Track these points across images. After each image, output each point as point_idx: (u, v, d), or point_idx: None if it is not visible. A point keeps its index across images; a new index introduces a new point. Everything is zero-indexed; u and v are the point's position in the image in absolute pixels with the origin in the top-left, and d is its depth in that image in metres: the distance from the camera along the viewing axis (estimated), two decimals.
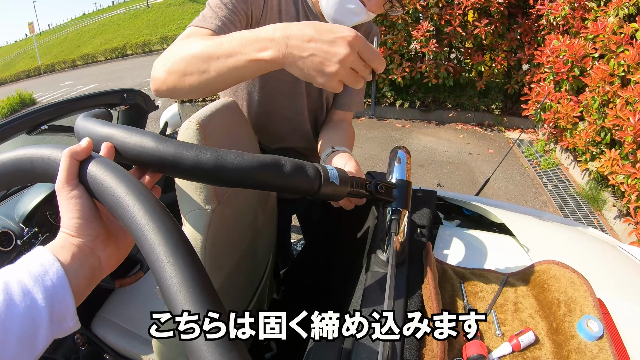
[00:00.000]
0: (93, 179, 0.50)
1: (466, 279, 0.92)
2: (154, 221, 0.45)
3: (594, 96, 3.49)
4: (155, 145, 0.54)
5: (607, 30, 3.46)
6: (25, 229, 1.61)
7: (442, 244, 1.09)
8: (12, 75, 29.11)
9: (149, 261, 0.44)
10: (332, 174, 0.68)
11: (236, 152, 0.58)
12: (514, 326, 0.81)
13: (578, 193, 3.78)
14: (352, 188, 0.73)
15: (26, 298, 0.43)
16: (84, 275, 0.50)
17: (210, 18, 0.96)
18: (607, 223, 3.34)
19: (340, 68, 0.67)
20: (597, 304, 0.79)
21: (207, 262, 0.98)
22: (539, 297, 0.86)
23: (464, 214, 1.27)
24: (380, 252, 0.91)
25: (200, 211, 0.93)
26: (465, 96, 5.83)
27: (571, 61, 3.84)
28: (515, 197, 3.83)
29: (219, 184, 0.58)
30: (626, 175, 3.04)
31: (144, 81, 12.92)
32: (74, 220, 0.51)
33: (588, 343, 0.73)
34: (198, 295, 0.41)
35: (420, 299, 0.81)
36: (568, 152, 4.23)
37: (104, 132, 0.58)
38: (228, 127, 1.04)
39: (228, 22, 0.97)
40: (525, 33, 5.06)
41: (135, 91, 2.05)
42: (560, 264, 0.89)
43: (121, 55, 26.02)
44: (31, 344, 0.42)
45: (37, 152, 0.54)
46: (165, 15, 35.72)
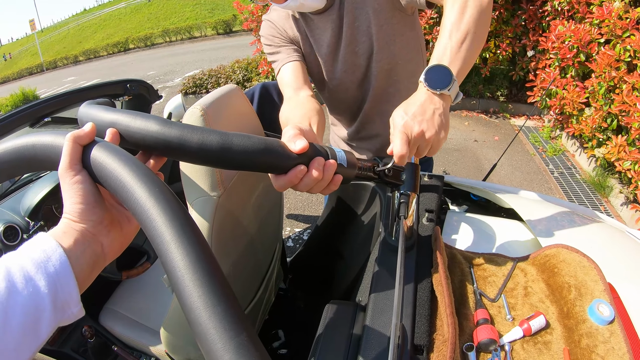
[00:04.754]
0: (97, 163, 0.49)
1: (475, 264, 0.91)
2: (159, 203, 0.44)
3: (600, 82, 3.45)
4: (159, 128, 0.53)
5: (612, 15, 3.41)
6: (31, 223, 1.62)
7: (450, 229, 1.08)
8: (14, 73, 29.19)
9: (155, 245, 0.43)
10: (340, 156, 0.67)
11: (242, 134, 0.57)
12: (525, 310, 0.80)
13: (584, 180, 3.75)
14: (360, 171, 0.72)
15: (28, 285, 0.42)
16: (87, 261, 0.49)
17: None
18: (614, 210, 3.32)
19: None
20: (608, 288, 0.78)
21: (214, 249, 0.97)
22: (549, 281, 0.85)
23: (471, 199, 1.26)
24: (388, 237, 0.90)
25: (207, 198, 0.93)
26: (470, 83, 5.78)
27: (577, 47, 3.79)
28: (522, 183, 3.80)
29: (224, 166, 0.57)
30: (633, 161, 3.01)
31: (146, 74, 12.93)
32: (76, 205, 0.50)
33: (599, 327, 0.72)
34: (205, 277, 0.40)
35: (430, 283, 0.80)
36: (574, 139, 4.19)
37: (108, 118, 0.57)
38: (232, 113, 1.03)
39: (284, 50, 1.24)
40: (530, 19, 4.99)
41: (139, 81, 2.04)
42: (570, 248, 0.87)
43: (123, 50, 26.00)
44: (34, 331, 0.42)
45: (40, 139, 0.53)
46: (167, 8, 35.64)
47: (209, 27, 22.17)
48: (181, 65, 13.57)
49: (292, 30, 1.26)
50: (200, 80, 7.32)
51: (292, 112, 1.00)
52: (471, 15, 0.85)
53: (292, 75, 1.17)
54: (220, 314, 0.38)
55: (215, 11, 29.65)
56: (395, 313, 0.56)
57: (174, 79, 11.28)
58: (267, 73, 6.22)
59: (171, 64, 14.41)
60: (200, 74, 7.63)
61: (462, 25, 0.85)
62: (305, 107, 1.01)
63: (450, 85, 0.78)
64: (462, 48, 0.83)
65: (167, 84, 10.59)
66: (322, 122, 0.98)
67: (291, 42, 1.26)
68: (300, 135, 0.62)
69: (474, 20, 0.85)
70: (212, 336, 0.37)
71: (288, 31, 1.26)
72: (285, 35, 1.26)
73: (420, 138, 0.75)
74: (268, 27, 1.28)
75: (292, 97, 1.10)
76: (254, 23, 5.86)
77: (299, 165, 0.60)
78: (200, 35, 22.70)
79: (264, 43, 1.28)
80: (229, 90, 1.05)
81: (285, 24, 1.26)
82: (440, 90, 0.78)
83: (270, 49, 1.26)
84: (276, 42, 1.25)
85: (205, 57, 14.31)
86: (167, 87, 10.15)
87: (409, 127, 0.75)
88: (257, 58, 7.08)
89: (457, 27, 0.84)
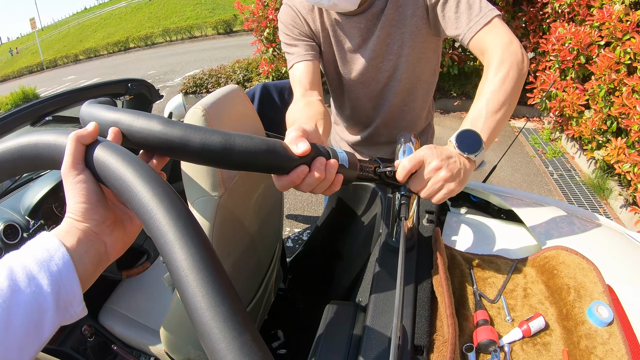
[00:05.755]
0: (99, 163, 0.49)
1: (475, 265, 0.91)
2: (163, 203, 0.44)
3: (600, 84, 3.45)
4: (162, 128, 0.53)
5: (613, 18, 3.41)
6: (31, 222, 1.62)
7: (450, 230, 1.08)
8: (15, 72, 29.12)
9: (158, 244, 0.43)
10: (342, 157, 0.67)
11: (244, 134, 0.57)
12: (524, 312, 0.80)
13: (584, 182, 3.76)
14: (361, 172, 0.72)
15: (31, 284, 0.42)
16: (90, 260, 0.49)
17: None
18: (613, 212, 3.32)
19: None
20: (607, 290, 0.79)
21: (215, 249, 0.97)
22: (548, 282, 0.85)
23: (471, 200, 1.26)
24: (389, 238, 0.90)
25: (208, 198, 0.93)
26: (470, 84, 5.78)
27: (577, 49, 3.79)
28: (521, 185, 3.80)
29: (226, 166, 0.57)
30: (632, 164, 3.01)
31: (147, 74, 12.92)
32: (79, 204, 0.50)
33: (598, 329, 0.72)
34: (208, 276, 0.41)
35: (430, 284, 0.80)
36: (574, 141, 4.19)
37: (110, 117, 0.57)
38: (234, 113, 1.03)
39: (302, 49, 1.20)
40: (530, 21, 4.99)
41: (140, 81, 2.04)
42: (569, 249, 0.88)
43: (124, 49, 25.97)
44: (37, 330, 0.42)
45: (42, 138, 0.53)
46: (167, 8, 35.62)
47: (210, 26, 22.15)
48: (181, 65, 13.56)
49: (314, 24, 1.22)
50: (201, 80, 7.32)
51: (300, 113, 1.00)
52: (510, 87, 0.89)
53: (304, 75, 1.15)
54: (224, 313, 0.39)
55: (215, 11, 29.62)
56: (396, 314, 0.57)
57: (174, 78, 11.27)
58: (267, 73, 6.21)
59: (171, 64, 14.40)
60: (200, 73, 7.63)
61: (500, 95, 0.88)
62: (314, 109, 1.01)
63: (478, 152, 0.80)
64: (495, 117, 0.86)
65: (167, 84, 10.58)
66: (327, 127, 0.98)
67: (310, 37, 1.23)
68: (302, 138, 0.62)
69: (512, 91, 0.89)
70: (216, 336, 0.37)
71: (310, 24, 1.22)
72: (306, 28, 1.22)
73: (435, 172, 0.75)
74: (289, 14, 1.22)
75: (301, 99, 1.09)
76: (255, 23, 5.86)
77: (301, 166, 0.60)
78: (201, 34, 22.68)
79: (281, 29, 1.24)
80: (230, 91, 1.05)
81: (309, 16, 1.21)
82: (467, 154, 0.79)
83: (288, 39, 1.22)
84: (295, 34, 1.21)
85: (206, 56, 14.30)
86: (167, 86, 10.14)
87: (430, 157, 0.75)
88: (257, 58, 7.08)
89: (495, 96, 0.88)
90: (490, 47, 0.97)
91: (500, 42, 0.95)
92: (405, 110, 1.34)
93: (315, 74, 1.18)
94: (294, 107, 1.05)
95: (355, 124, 1.44)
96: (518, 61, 0.92)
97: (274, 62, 6.12)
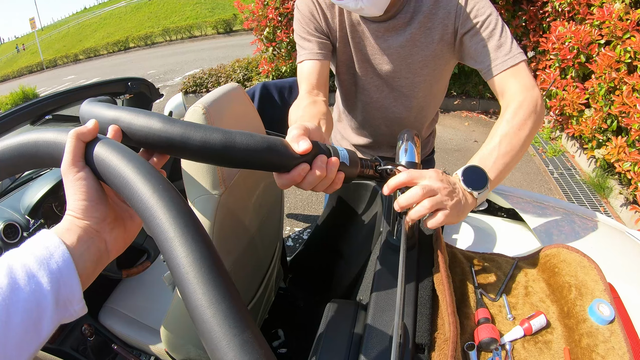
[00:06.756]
0: (100, 160, 0.49)
1: (476, 263, 0.91)
2: (163, 201, 0.44)
3: (600, 83, 3.45)
4: (162, 126, 0.53)
5: (613, 17, 3.40)
6: (31, 221, 1.61)
7: (451, 228, 1.08)
8: (14, 72, 29.13)
9: (158, 242, 0.43)
10: (343, 155, 0.67)
11: (245, 132, 0.57)
12: (525, 310, 0.80)
13: (584, 181, 3.75)
14: (362, 169, 0.72)
15: (31, 282, 0.42)
16: (90, 258, 0.49)
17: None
18: (614, 211, 3.32)
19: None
20: (608, 288, 0.79)
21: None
22: (549, 281, 0.85)
23: None
24: (390, 237, 0.90)
25: (208, 196, 0.93)
26: (471, 84, 5.78)
27: (577, 48, 3.79)
28: (521, 184, 3.80)
29: (227, 164, 0.57)
30: (633, 162, 3.02)
31: (147, 73, 12.91)
32: (80, 202, 0.50)
33: (599, 327, 0.72)
34: (209, 274, 0.40)
35: (431, 282, 0.80)
36: (574, 140, 4.19)
37: (110, 115, 0.57)
38: (234, 111, 1.03)
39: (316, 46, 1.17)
40: (530, 20, 4.99)
41: (140, 79, 2.04)
42: (570, 247, 0.88)
43: (123, 49, 25.97)
44: (36, 328, 0.42)
45: (42, 136, 0.53)
46: (167, 7, 35.61)
47: (210, 26, 22.16)
48: (181, 64, 13.55)
49: (332, 21, 1.18)
50: (201, 79, 7.32)
51: (304, 110, 0.99)
52: (525, 135, 0.90)
53: (313, 74, 1.14)
54: (225, 311, 0.38)
55: (215, 10, 29.60)
56: (397, 312, 0.57)
57: (174, 77, 11.26)
58: (267, 72, 6.21)
59: (171, 63, 14.39)
60: (200, 73, 7.62)
61: (514, 140, 0.89)
62: (317, 108, 1.00)
63: (482, 190, 0.81)
64: (504, 160, 0.87)
65: (167, 83, 10.58)
66: (330, 126, 0.98)
67: (326, 34, 1.20)
68: (304, 136, 0.62)
69: (526, 139, 0.90)
70: (217, 334, 0.37)
71: (329, 20, 1.18)
72: (323, 24, 1.18)
73: (432, 192, 0.74)
74: (308, 5, 1.18)
75: (307, 96, 1.08)
76: (255, 22, 5.86)
77: (302, 164, 0.60)
78: (201, 34, 22.69)
79: (297, 18, 1.20)
80: (230, 89, 1.04)
81: (328, 12, 1.17)
82: (471, 190, 0.80)
83: (302, 31, 1.19)
84: (310, 28, 1.18)
85: (206, 56, 14.29)
86: (167, 86, 10.14)
87: (433, 179, 0.75)
88: (257, 57, 7.07)
89: (509, 140, 0.88)
90: (512, 89, 0.97)
91: (522, 86, 0.96)
92: (415, 126, 1.35)
93: (324, 75, 1.16)
94: (299, 104, 1.04)
95: (363, 127, 1.43)
96: (537, 109, 0.93)
97: (274, 61, 6.12)
